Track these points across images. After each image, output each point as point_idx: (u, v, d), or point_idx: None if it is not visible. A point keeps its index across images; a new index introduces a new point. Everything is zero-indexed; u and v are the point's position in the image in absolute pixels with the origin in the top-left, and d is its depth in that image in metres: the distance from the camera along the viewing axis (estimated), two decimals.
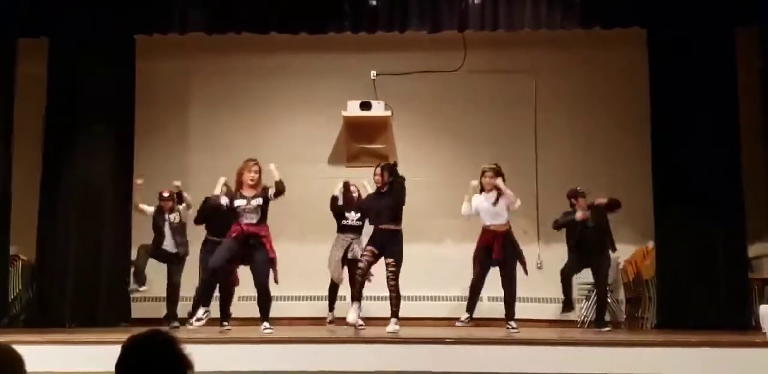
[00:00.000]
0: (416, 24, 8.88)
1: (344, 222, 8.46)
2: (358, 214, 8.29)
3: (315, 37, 9.17)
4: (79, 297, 8.76)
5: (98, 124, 9.11)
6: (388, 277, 7.26)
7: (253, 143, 9.76)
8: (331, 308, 8.46)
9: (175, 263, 8.48)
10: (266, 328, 7.24)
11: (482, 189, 7.92)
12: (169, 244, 8.47)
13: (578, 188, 8.23)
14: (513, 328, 7.58)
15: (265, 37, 9.23)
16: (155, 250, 8.51)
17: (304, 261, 8.32)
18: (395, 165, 7.62)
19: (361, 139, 9.85)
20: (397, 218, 7.38)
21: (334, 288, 8.47)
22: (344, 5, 8.91)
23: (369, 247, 7.37)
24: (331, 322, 8.27)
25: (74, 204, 8.94)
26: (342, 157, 9.92)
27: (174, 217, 8.53)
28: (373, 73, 9.87)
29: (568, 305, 8.21)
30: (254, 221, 7.39)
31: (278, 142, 9.87)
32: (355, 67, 9.87)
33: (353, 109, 9.57)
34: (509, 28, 8.86)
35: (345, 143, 9.94)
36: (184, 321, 8.16)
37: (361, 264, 7.36)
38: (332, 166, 9.90)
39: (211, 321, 7.64)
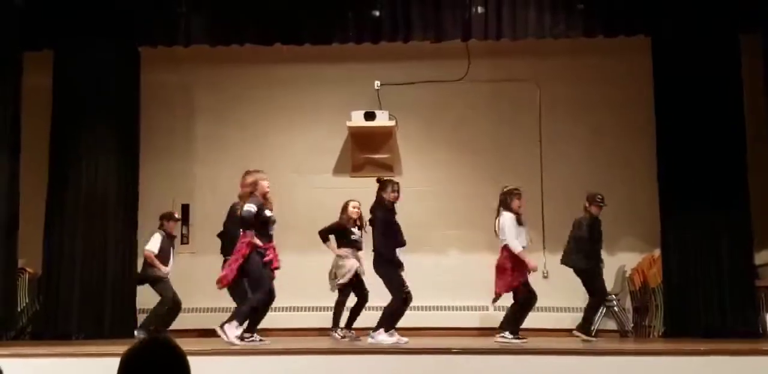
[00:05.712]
0: (420, 34, 8.89)
1: (353, 237, 8.16)
2: (361, 231, 8.14)
3: (319, 47, 9.20)
4: (86, 309, 8.76)
5: (104, 136, 9.12)
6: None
7: (257, 153, 9.77)
8: (336, 323, 8.08)
9: (165, 281, 8.75)
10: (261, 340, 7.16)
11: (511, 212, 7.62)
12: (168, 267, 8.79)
13: (597, 196, 8.00)
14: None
15: (269, 48, 9.24)
16: (155, 276, 8.69)
17: (307, 272, 8.24)
18: None
19: (365, 149, 9.86)
20: None
21: (341, 302, 8.17)
22: (348, 16, 8.94)
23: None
24: (344, 337, 7.91)
25: (80, 217, 8.95)
26: (346, 167, 9.93)
27: (176, 243, 8.91)
28: (377, 83, 9.87)
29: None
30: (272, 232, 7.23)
31: (282, 152, 9.90)
32: (359, 77, 9.89)
33: (357, 119, 9.59)
34: (513, 37, 8.86)
35: (350, 153, 9.95)
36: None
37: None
38: (337, 176, 9.90)
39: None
